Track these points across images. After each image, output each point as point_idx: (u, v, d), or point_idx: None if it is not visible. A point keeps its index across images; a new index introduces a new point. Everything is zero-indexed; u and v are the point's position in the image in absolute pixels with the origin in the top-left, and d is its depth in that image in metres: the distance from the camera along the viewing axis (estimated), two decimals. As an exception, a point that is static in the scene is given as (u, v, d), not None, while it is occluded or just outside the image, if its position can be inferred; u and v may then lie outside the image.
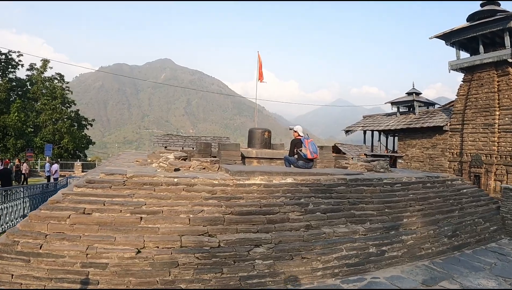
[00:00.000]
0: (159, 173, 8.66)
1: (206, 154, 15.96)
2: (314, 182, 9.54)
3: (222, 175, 9.17)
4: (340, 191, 9.49)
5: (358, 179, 10.29)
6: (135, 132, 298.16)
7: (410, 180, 11.35)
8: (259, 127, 16.46)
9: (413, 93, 32.33)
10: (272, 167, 11.36)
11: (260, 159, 14.34)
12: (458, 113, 25.83)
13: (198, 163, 10.20)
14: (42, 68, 54.29)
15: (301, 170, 10.50)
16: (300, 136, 11.97)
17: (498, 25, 22.89)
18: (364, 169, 12.63)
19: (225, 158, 12.72)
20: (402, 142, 31.05)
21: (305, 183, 9.33)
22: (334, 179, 9.89)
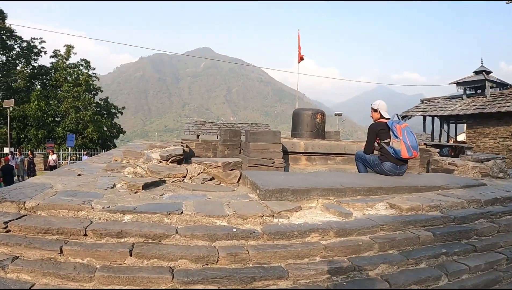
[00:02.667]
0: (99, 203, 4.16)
1: (233, 145, 12.12)
2: (433, 213, 4.95)
3: (242, 200, 4.79)
4: (482, 231, 4.88)
5: (498, 199, 5.90)
6: (176, 121, 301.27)
7: None
8: (308, 108, 11.80)
9: (483, 71, 27.80)
10: (338, 175, 6.80)
11: (311, 155, 10.17)
12: None
13: (200, 169, 5.76)
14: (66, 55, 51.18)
15: (392, 181, 6.17)
16: (384, 118, 7.26)
17: None
18: (478, 173, 8.62)
19: (255, 155, 8.45)
20: (471, 130, 26.83)
21: (417, 217, 4.67)
22: (463, 204, 5.36)
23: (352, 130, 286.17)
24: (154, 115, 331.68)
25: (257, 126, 33.49)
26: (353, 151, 10.14)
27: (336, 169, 9.79)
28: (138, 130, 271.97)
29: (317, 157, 10.10)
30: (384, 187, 5.56)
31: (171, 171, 5.59)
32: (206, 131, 30.79)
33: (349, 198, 5.03)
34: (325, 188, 5.02)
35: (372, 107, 7.39)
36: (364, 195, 5.26)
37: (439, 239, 4.31)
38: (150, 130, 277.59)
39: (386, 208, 4.82)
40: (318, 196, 4.90)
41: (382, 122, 7.13)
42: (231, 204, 4.36)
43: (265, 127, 34.05)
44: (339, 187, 5.15)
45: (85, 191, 4.79)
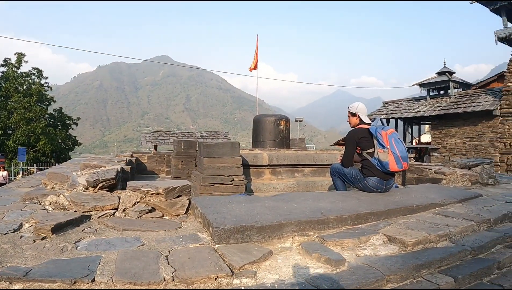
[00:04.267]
0: None
1: (188, 158, 11.06)
2: (444, 244, 3.84)
3: (189, 245, 3.49)
4: (504, 263, 3.82)
5: (506, 215, 5.08)
6: (136, 130, 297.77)
7: None
8: (271, 114, 10.68)
9: (446, 72, 28.06)
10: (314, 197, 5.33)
11: (276, 168, 9.05)
12: (510, 94, 22.13)
13: (136, 197, 4.47)
14: (17, 63, 48.77)
15: (383, 202, 5.09)
16: (365, 123, 6.10)
17: None
18: (467, 182, 8.09)
19: (211, 171, 7.22)
20: (436, 132, 26.80)
21: (429, 255, 3.47)
22: (473, 227, 4.35)
23: (312, 135, 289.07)
24: (113, 125, 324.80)
25: (216, 134, 32.50)
26: (323, 161, 9.25)
27: (305, 181, 8.71)
28: (97, 141, 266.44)
29: (283, 170, 9.02)
30: (376, 212, 4.46)
31: (98, 202, 4.27)
32: (164, 141, 29.70)
33: (334, 231, 3.85)
34: (301, 220, 3.79)
35: (349, 110, 6.18)
36: (352, 225, 4.10)
37: (461, 284, 3.19)
38: (110, 141, 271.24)
39: (385, 243, 3.62)
40: (294, 232, 3.67)
41: (363, 128, 5.94)
42: (173, 256, 3.05)
43: (224, 135, 33.08)
44: (320, 216, 3.95)
45: None
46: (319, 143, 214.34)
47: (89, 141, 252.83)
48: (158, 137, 29.89)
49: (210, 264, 2.87)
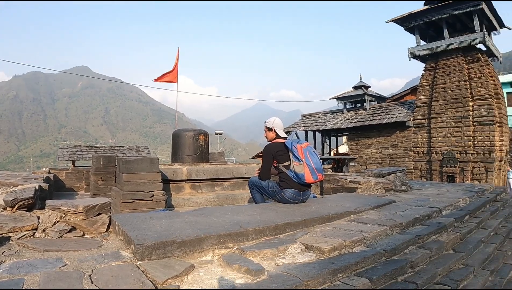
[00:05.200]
0: None
1: (107, 174, 10.77)
2: (359, 248, 4.11)
3: (111, 263, 3.41)
4: (417, 262, 4.19)
5: (417, 219, 5.62)
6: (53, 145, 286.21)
7: (467, 203, 7.85)
8: (189, 129, 10.72)
9: (362, 86, 29.98)
10: (233, 211, 5.43)
11: (196, 182, 9.03)
12: (422, 106, 23.89)
13: (56, 217, 4.33)
14: None
15: (300, 212, 5.30)
16: (281, 137, 6.34)
17: (467, 7, 21.44)
18: (381, 189, 8.54)
19: (131, 188, 7.08)
20: (353, 142, 28.22)
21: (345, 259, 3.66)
22: (386, 231, 4.69)
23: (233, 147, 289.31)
24: (29, 139, 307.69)
25: (136, 149, 31.98)
26: (242, 174, 9.36)
27: (224, 195, 8.73)
28: (12, 156, 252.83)
29: (202, 184, 9.01)
30: (293, 222, 4.60)
31: (17, 223, 4.05)
32: (82, 156, 28.88)
33: (253, 243, 3.95)
34: (221, 233, 3.84)
35: (266, 125, 6.39)
36: (271, 236, 4.23)
37: (376, 285, 3.43)
38: (25, 156, 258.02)
39: (302, 251, 3.77)
40: (214, 245, 3.73)
41: (279, 142, 6.15)
42: (96, 274, 3.00)
43: (144, 149, 32.61)
44: (239, 229, 4.03)
45: None
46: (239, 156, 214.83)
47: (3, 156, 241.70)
48: (76, 152, 29.06)
49: (134, 281, 2.89)
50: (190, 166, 9.09)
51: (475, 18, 21.54)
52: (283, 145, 6.03)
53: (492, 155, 20.72)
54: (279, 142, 6.14)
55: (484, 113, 21.17)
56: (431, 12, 22.82)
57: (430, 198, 7.90)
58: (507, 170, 23.24)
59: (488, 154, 20.92)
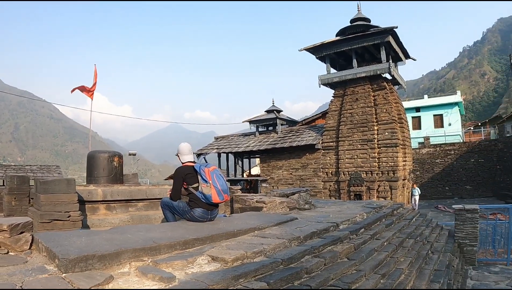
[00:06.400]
0: None
1: (21, 195, 10.45)
2: (260, 259, 4.63)
3: (38, 276, 3.68)
4: (311, 268, 4.81)
5: (315, 232, 6.25)
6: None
7: (364, 218, 8.58)
8: (104, 150, 10.87)
9: (274, 110, 30.80)
10: (147, 229, 5.78)
11: (111, 203, 9.12)
12: (331, 130, 24.92)
13: None
14: None
15: (207, 229, 5.79)
16: (190, 162, 6.85)
17: (375, 39, 22.91)
18: (286, 208, 9.12)
19: (48, 208, 7.13)
20: (265, 164, 28.86)
21: (245, 267, 4.19)
22: (285, 243, 5.27)
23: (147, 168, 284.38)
24: None
25: (47, 169, 31.21)
26: (155, 195, 9.61)
27: (139, 215, 8.93)
28: None
29: (117, 205, 9.10)
30: (201, 238, 5.06)
31: None
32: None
33: (166, 256, 4.37)
34: (136, 248, 4.24)
35: (178, 152, 7.05)
36: (181, 250, 4.65)
37: (273, 287, 3.95)
38: None
39: (209, 262, 4.28)
40: (130, 259, 4.12)
41: (189, 165, 6.64)
42: (26, 285, 3.30)
43: (56, 169, 31.91)
44: (152, 244, 4.43)
45: None
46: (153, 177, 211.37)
47: None
48: (-16, 170, 28.10)
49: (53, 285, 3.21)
50: (105, 187, 9.20)
51: (382, 50, 22.80)
52: (192, 168, 6.51)
53: (396, 175, 21.84)
54: (189, 166, 6.64)
55: (388, 136, 22.34)
56: (342, 42, 23.96)
57: (330, 215, 8.46)
58: (411, 187, 24.66)
59: (392, 174, 22.00)
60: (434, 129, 47.88)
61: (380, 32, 22.45)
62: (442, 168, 37.34)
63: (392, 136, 22.28)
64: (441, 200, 34.33)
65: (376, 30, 22.67)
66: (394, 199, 21.25)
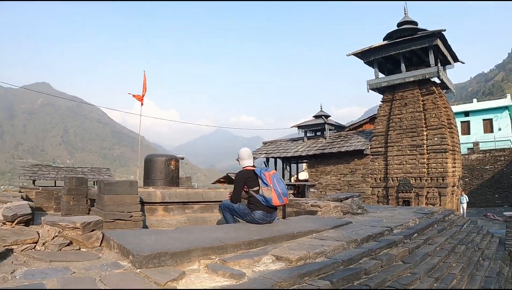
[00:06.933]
0: None
1: (79, 195, 10.85)
2: (321, 259, 4.81)
3: (114, 271, 3.92)
4: (370, 270, 4.98)
5: (371, 236, 6.37)
6: (9, 162, 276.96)
7: (416, 223, 8.58)
8: (161, 154, 11.21)
9: (322, 116, 30.60)
10: (211, 230, 6.14)
11: (169, 205, 9.43)
12: (380, 135, 24.64)
13: (55, 232, 4.79)
14: None
15: (269, 231, 6.00)
16: (251, 166, 7.08)
17: (423, 43, 22.46)
18: (339, 212, 9.24)
19: (111, 208, 7.49)
20: (313, 169, 28.88)
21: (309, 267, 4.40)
22: (343, 245, 5.47)
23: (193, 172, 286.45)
24: None
25: (98, 171, 32.01)
26: (211, 198, 9.85)
27: (195, 217, 9.21)
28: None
29: (174, 207, 9.41)
30: (264, 238, 5.31)
31: (19, 237, 4.48)
32: (43, 175, 28.61)
33: (232, 255, 4.63)
34: (205, 247, 4.51)
35: (239, 156, 7.27)
36: (246, 249, 4.91)
37: (336, 286, 4.13)
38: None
39: (273, 261, 4.51)
40: (199, 257, 4.38)
41: (249, 169, 6.92)
42: (105, 279, 3.53)
43: (106, 171, 32.70)
44: (219, 243, 4.70)
45: None
46: (199, 181, 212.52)
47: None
48: (37, 171, 28.89)
49: (139, 283, 3.44)
50: (163, 189, 9.52)
51: (430, 53, 22.44)
52: (253, 172, 6.79)
53: (445, 181, 21.46)
54: (250, 170, 6.92)
55: (437, 141, 21.93)
56: (389, 47, 23.72)
57: (383, 219, 8.55)
58: (460, 194, 24.25)
59: (442, 180, 21.59)
60: (483, 134, 46.42)
61: (428, 35, 22.12)
62: (491, 175, 35.99)
63: (441, 141, 21.90)
64: (490, 208, 33.14)
65: (423, 34, 22.35)
66: (443, 206, 20.75)
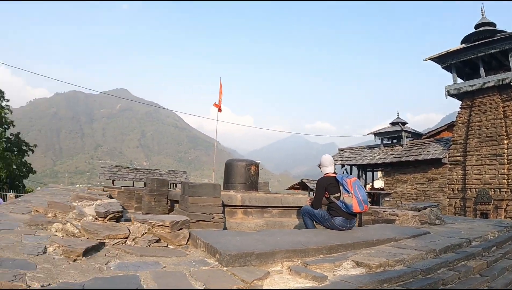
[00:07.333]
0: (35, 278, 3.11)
1: (160, 196, 11.31)
2: (400, 267, 4.86)
3: (202, 268, 4.15)
4: (447, 280, 4.96)
5: (449, 247, 6.23)
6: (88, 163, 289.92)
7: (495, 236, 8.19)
8: (242, 159, 11.41)
9: (399, 123, 30.04)
10: (293, 233, 6.49)
11: (248, 208, 9.63)
12: (458, 143, 23.86)
13: (144, 229, 5.09)
14: (-25, 83, 47.19)
15: (349, 237, 6.08)
16: (332, 173, 7.18)
17: (503, 45, 21.77)
18: (417, 222, 9.05)
19: (195, 209, 7.76)
20: (389, 178, 28.37)
21: (389, 274, 4.47)
22: (422, 255, 5.46)
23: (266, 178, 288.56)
24: (65, 155, 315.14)
25: (175, 173, 32.88)
26: (290, 203, 9.99)
27: (273, 222, 9.39)
28: (47, 170, 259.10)
29: (253, 210, 9.62)
30: (344, 244, 5.40)
31: (111, 231, 4.83)
32: (122, 176, 29.70)
33: (313, 258, 4.76)
34: (288, 249, 4.69)
35: (320, 163, 7.40)
36: (327, 254, 5.03)
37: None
38: (60, 171, 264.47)
39: (354, 266, 4.61)
40: (282, 259, 4.55)
41: (331, 176, 7.05)
42: (194, 274, 3.75)
43: (183, 174, 33.50)
44: (302, 247, 4.86)
45: (12, 257, 3.66)
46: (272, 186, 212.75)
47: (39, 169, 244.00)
48: (117, 172, 30.06)
49: (228, 280, 3.64)
50: (243, 193, 9.74)
51: (510, 56, 21.70)
52: (334, 178, 6.92)
53: (526, 194, 20.37)
54: (331, 176, 7.05)
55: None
56: (467, 50, 23.16)
57: (461, 231, 8.36)
58: None
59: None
60: None
61: (507, 37, 21.42)
62: None
63: (523, 151, 20.90)
64: None
65: (503, 35, 21.69)
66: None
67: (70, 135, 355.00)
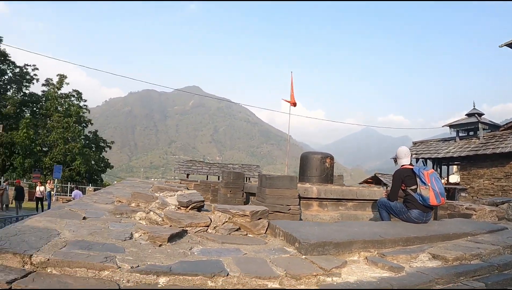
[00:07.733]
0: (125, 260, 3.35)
1: (236, 188, 11.52)
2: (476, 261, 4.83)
3: (282, 255, 4.30)
4: None
5: None
6: (162, 158, 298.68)
7: None
8: (317, 152, 11.42)
9: (475, 114, 28.41)
10: (370, 225, 6.53)
11: (323, 201, 9.70)
12: None
13: (225, 218, 5.33)
14: (58, 84, 49.94)
15: (425, 230, 6.03)
16: (408, 165, 7.13)
17: None
18: (494, 217, 8.87)
19: (272, 201, 7.98)
20: (465, 172, 26.98)
21: (466, 267, 4.50)
22: (499, 250, 5.35)
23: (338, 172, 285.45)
24: (140, 151, 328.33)
25: (248, 167, 33.22)
26: (365, 196, 9.99)
27: (347, 214, 9.44)
28: (123, 165, 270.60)
29: (328, 203, 9.68)
30: (420, 237, 5.41)
31: (193, 220, 5.09)
32: (196, 170, 30.27)
33: (390, 250, 4.83)
34: (366, 240, 4.77)
35: (396, 155, 7.40)
36: (403, 246, 5.07)
37: (489, 288, 4.16)
38: (136, 166, 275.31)
39: (430, 259, 4.66)
40: (359, 249, 4.64)
41: (407, 168, 7.00)
42: (275, 262, 3.90)
43: (256, 168, 33.81)
44: (379, 238, 4.93)
45: (101, 242, 3.92)
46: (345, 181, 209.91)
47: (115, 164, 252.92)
48: (191, 166, 30.70)
49: (307, 267, 3.79)
50: (319, 186, 9.82)
51: None
52: (411, 171, 6.87)
53: None
54: (408, 168, 6.99)
55: None
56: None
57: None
58: None
59: None
60: None
61: None
62: None
63: None
64: None
65: None
66: None
67: (145, 131, 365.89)
